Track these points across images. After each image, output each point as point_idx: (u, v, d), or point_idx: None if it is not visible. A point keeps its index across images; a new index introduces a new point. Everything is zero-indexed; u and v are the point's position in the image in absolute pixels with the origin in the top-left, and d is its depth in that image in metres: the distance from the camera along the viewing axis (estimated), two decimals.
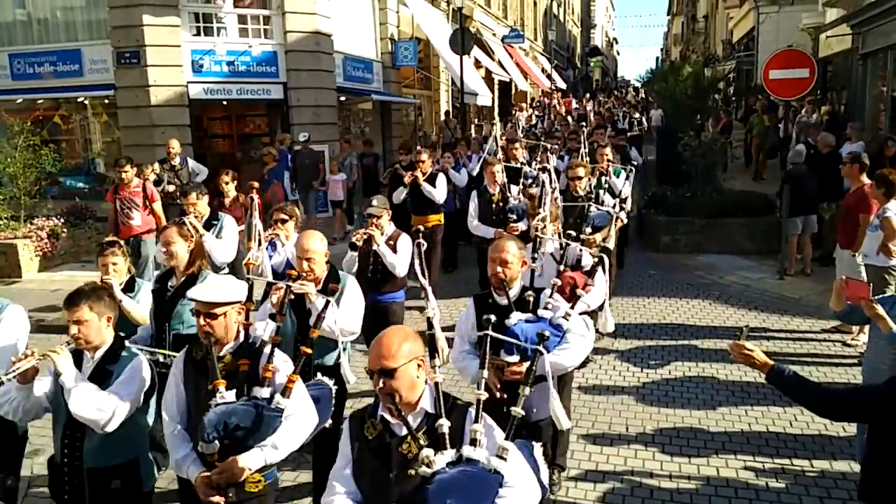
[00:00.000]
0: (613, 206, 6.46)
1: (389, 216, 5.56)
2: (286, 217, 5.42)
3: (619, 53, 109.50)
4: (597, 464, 4.86)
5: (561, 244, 4.83)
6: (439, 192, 8.46)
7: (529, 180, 8.14)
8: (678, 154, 12.57)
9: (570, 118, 20.86)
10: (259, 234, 5.07)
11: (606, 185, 8.10)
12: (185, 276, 4.23)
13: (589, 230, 5.65)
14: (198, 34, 13.06)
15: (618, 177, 8.34)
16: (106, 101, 13.67)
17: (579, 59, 59.44)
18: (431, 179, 8.48)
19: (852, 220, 6.99)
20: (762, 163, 15.79)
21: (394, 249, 5.44)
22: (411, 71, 19.33)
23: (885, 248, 6.19)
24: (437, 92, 22.08)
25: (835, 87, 20.13)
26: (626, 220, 7.47)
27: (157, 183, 9.71)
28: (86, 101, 14.03)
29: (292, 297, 3.90)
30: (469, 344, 3.69)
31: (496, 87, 27.49)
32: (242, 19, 13.44)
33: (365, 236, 5.31)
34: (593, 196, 6.71)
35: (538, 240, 4.56)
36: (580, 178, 6.72)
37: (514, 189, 7.59)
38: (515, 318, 3.49)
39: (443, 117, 21.82)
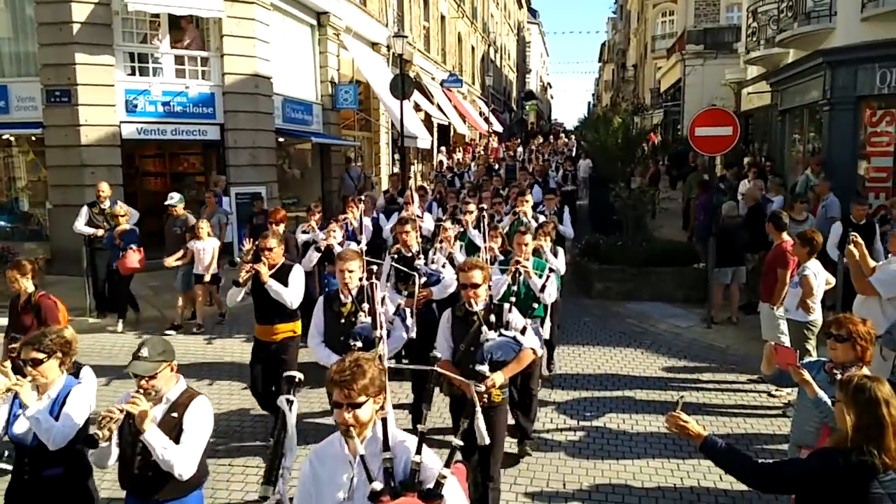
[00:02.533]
0: (523, 330, 4.49)
1: (174, 368, 3.54)
2: None
3: (552, 97, 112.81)
4: None
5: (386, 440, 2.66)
6: (291, 293, 5.84)
7: (423, 279, 6.15)
8: (610, 203, 12.98)
9: (497, 167, 19.38)
10: None
11: (524, 289, 5.98)
12: None
13: (485, 368, 4.07)
14: (133, 74, 12.83)
15: (540, 275, 6.05)
16: (33, 139, 13.22)
17: (515, 102, 60.94)
18: (282, 274, 5.92)
19: (772, 274, 7.35)
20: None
21: (177, 430, 3.40)
22: (351, 113, 19.42)
23: (803, 304, 6.51)
24: (377, 133, 22.20)
25: (756, 139, 21.23)
26: (540, 352, 4.82)
27: None
28: (11, 139, 13.53)
29: None
30: None
31: (435, 129, 27.87)
32: (179, 60, 13.29)
33: (120, 415, 3.21)
34: (493, 314, 4.50)
35: None
36: (476, 287, 4.40)
37: (384, 301, 5.03)
38: None
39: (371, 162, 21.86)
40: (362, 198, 9.62)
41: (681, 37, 29.46)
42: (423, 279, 6.16)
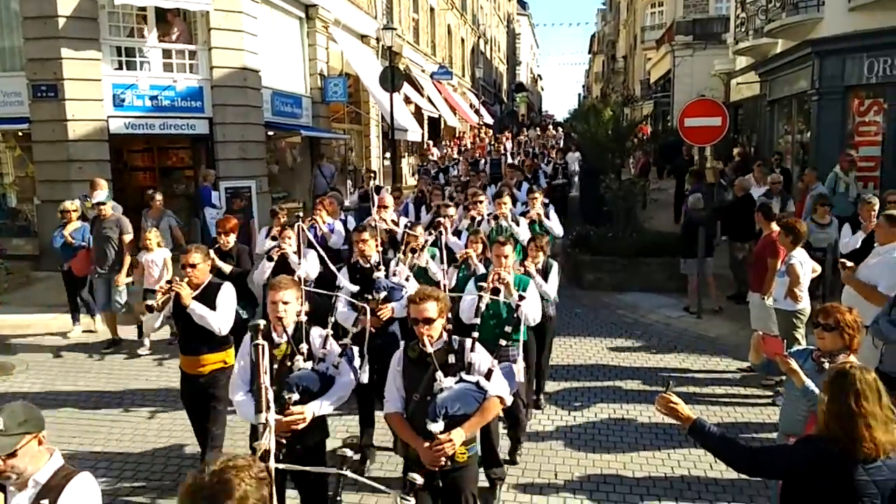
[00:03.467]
0: (488, 374, 3.60)
1: (43, 441, 2.75)
2: None
3: (543, 89, 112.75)
4: None
5: None
6: (219, 317, 4.95)
7: (382, 294, 5.36)
8: (600, 195, 13.01)
9: (483, 162, 17.90)
10: None
11: (504, 308, 5.06)
12: None
13: (438, 426, 3.44)
14: (120, 68, 12.71)
15: (523, 290, 4.98)
16: (20, 134, 13.11)
17: (506, 94, 60.85)
18: (208, 294, 5.01)
19: (762, 264, 7.39)
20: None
21: None
22: (341, 106, 19.36)
23: (791, 293, 6.55)
24: (367, 126, 22.15)
25: (745, 129, 21.30)
26: (508, 400, 3.78)
27: None
28: None
29: None
30: None
31: (425, 122, 27.82)
32: (167, 54, 13.18)
33: None
34: (452, 354, 3.65)
35: None
36: (430, 322, 3.56)
37: (318, 335, 4.05)
38: None
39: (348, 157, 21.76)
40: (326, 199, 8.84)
41: (670, 28, 29.50)
42: (384, 294, 5.38)
